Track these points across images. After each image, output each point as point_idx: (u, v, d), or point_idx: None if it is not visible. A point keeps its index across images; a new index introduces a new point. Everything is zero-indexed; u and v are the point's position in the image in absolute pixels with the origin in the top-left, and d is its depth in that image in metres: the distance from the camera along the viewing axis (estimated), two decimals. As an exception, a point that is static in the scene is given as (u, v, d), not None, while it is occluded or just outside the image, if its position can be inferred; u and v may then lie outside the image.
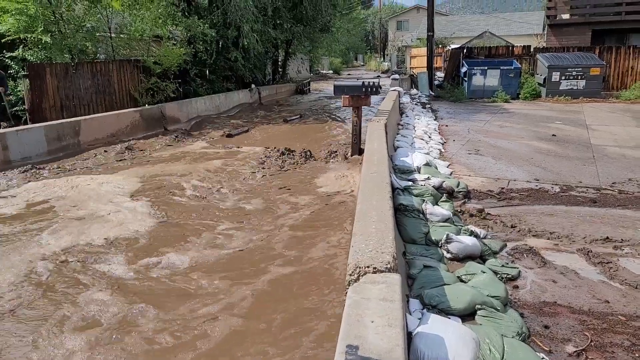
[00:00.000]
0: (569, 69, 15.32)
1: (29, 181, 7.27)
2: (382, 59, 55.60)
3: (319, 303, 3.67)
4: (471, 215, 5.26)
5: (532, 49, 17.60)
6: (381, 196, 3.63)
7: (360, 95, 8.27)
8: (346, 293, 2.29)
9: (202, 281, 4.11)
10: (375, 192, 3.75)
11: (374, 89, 8.20)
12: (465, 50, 18.48)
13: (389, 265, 2.38)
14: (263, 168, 7.92)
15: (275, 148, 9.11)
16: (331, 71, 46.42)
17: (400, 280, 2.24)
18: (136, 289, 4.00)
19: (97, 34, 12.58)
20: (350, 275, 2.40)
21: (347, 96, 8.28)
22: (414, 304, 3.14)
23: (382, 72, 41.27)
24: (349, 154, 8.61)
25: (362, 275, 2.36)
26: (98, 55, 13.07)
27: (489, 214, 5.33)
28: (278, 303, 3.71)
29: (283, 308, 3.63)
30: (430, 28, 18.14)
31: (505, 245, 4.48)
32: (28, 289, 4.04)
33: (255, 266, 4.35)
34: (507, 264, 4.02)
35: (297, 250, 4.64)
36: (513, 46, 18.79)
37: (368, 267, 2.40)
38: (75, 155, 9.01)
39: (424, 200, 5.03)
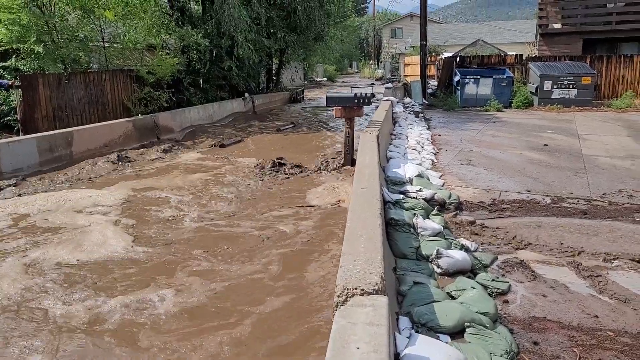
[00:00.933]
0: (560, 78, 15.46)
1: (14, 194, 7.18)
2: (376, 66, 55.97)
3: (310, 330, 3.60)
4: (462, 228, 5.27)
5: (524, 58, 17.75)
6: (371, 213, 3.63)
7: (353, 107, 8.30)
8: (334, 315, 2.29)
9: (178, 324, 3.70)
10: (366, 208, 3.75)
11: (366, 100, 8.23)
12: (458, 59, 18.62)
13: (376, 287, 2.38)
14: (254, 181, 7.90)
15: (267, 160, 9.09)
16: (325, 79, 46.64)
17: (387, 303, 2.24)
18: (93, 339, 3.48)
19: (90, 44, 12.58)
20: (338, 296, 2.40)
21: (340, 107, 8.31)
22: (404, 321, 3.13)
23: (377, 80, 41.55)
24: (342, 164, 8.62)
25: (350, 297, 2.35)
26: (91, 65, 13.08)
27: (480, 225, 5.35)
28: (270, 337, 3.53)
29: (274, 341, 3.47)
30: (424, 37, 18.28)
31: (496, 258, 4.49)
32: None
33: (237, 308, 3.91)
34: (498, 278, 4.03)
35: (289, 272, 4.52)
36: (505, 55, 18.96)
37: (356, 288, 2.39)
38: (67, 167, 8.96)
39: (415, 214, 5.04)
